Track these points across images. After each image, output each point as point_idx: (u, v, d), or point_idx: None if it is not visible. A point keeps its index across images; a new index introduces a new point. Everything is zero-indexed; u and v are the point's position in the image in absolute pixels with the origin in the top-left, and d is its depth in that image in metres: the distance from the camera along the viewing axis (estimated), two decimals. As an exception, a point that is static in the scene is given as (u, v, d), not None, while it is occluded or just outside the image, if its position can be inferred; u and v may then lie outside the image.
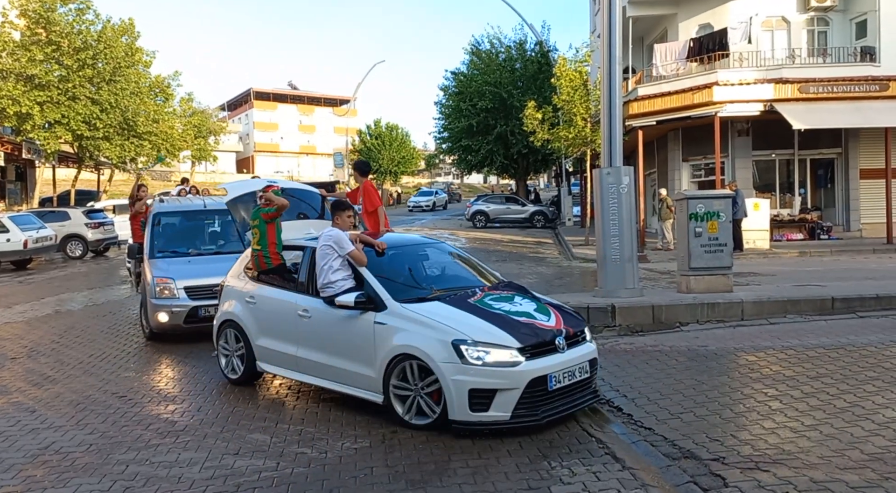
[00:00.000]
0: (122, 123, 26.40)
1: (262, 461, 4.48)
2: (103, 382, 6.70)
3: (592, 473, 4.05)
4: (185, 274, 8.18)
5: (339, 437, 4.89)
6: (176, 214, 9.55)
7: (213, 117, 55.42)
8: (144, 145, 27.67)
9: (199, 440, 4.91)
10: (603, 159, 9.27)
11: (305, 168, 73.41)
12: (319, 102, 80.00)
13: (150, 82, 28.68)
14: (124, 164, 28.88)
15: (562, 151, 23.20)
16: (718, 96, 18.22)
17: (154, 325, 8.11)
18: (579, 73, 20.28)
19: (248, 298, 6.22)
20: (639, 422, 4.88)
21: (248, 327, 6.14)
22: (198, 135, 40.91)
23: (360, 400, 5.44)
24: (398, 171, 59.19)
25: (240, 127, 77.19)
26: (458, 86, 35.79)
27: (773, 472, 3.86)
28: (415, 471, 4.22)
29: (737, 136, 20.23)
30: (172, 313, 7.99)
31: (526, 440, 4.63)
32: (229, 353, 6.40)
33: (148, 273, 8.33)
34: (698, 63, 20.19)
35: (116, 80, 26.02)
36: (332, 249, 5.47)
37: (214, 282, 7.40)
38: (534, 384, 4.63)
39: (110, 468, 4.45)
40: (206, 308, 7.92)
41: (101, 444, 4.91)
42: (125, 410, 5.72)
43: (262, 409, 5.63)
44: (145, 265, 8.61)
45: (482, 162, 36.34)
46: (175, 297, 8.02)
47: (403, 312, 5.02)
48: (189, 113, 38.97)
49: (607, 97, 9.13)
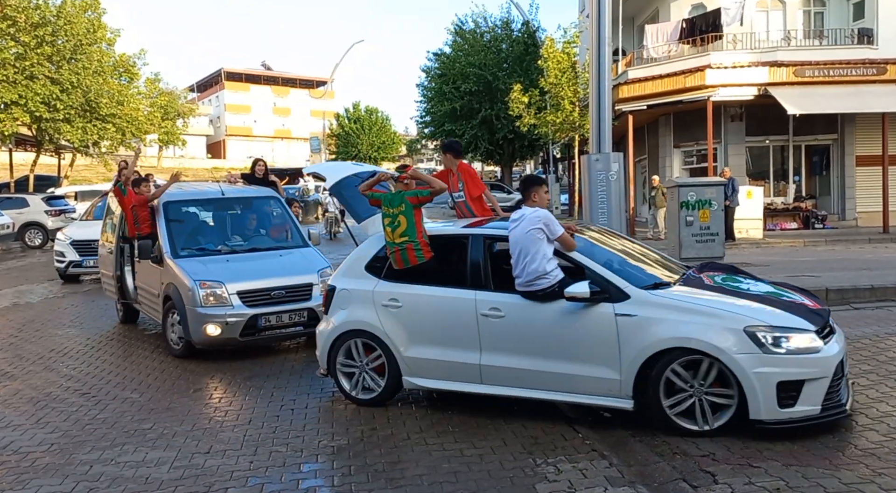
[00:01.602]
0: (84, 104, 25.92)
1: (235, 461, 4.46)
2: (65, 378, 6.62)
3: (579, 470, 4.08)
4: (234, 276, 7.05)
5: (316, 434, 4.88)
6: (191, 203, 8.30)
7: (182, 99, 54.76)
8: (108, 128, 27.21)
9: (168, 439, 4.88)
10: (591, 145, 9.29)
11: (280, 153, 72.76)
12: (295, 84, 79.23)
13: (113, 61, 28.15)
14: (87, 148, 28.39)
15: (549, 137, 23.26)
16: (711, 80, 18.31)
17: (199, 340, 6.88)
18: (567, 55, 20.30)
19: (389, 301, 5.31)
20: (626, 418, 4.91)
21: (390, 337, 5.26)
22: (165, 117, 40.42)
23: (333, 398, 5.44)
24: (378, 156, 58.89)
25: (210, 109, 76.23)
26: (440, 67, 35.63)
27: (763, 468, 3.92)
28: (394, 470, 4.22)
29: (730, 121, 20.37)
30: (227, 325, 6.80)
31: (509, 437, 4.66)
32: (357, 369, 5.46)
33: (180, 276, 7.06)
34: (691, 45, 20.27)
35: (78, 59, 25.51)
36: (542, 232, 4.73)
37: (274, 285, 6.91)
38: (837, 372, 4.32)
39: (73, 469, 4.40)
40: (266, 317, 6.95)
41: (64, 443, 4.86)
42: (89, 407, 5.66)
43: (234, 406, 5.60)
44: (170, 266, 7.27)
45: (466, 147, 36.18)
46: (227, 304, 6.86)
47: (655, 300, 4.50)
48: (156, 94, 38.37)
49: (596, 80, 9.14)
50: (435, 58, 36.55)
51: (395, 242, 5.32)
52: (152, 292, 7.73)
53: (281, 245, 8.05)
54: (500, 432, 4.76)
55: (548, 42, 21.35)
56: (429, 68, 36.92)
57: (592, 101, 9.22)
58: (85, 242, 12.39)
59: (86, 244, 12.29)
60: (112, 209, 9.26)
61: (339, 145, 56.98)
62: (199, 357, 7.21)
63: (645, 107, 19.51)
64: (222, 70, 76.17)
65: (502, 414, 5.10)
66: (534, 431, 4.75)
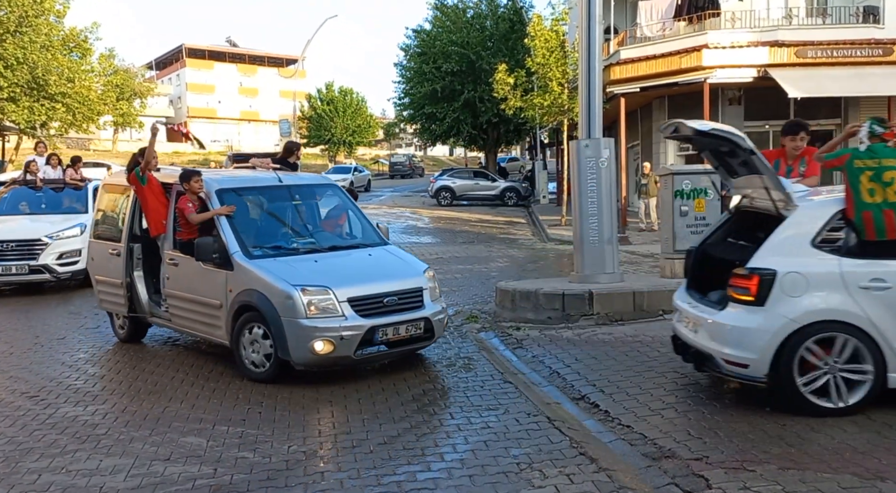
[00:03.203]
0: (31, 81, 25.53)
1: (198, 468, 4.44)
2: (11, 380, 6.53)
3: (565, 475, 4.13)
4: (339, 280, 6.21)
5: (286, 439, 4.88)
6: (249, 191, 7.29)
7: (139, 77, 54.12)
8: (57, 108, 26.82)
9: (125, 445, 4.84)
10: (581, 130, 9.33)
11: (247, 137, 72.13)
12: (263, 62, 78.45)
13: (63, 35, 27.72)
14: (34, 129, 27.94)
15: (536, 121, 23.29)
16: (708, 61, 18.43)
17: (303, 359, 5.95)
18: (556, 34, 20.31)
19: (869, 282, 4.70)
20: (616, 419, 4.99)
21: (878, 326, 4.65)
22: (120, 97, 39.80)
23: (308, 399, 5.43)
24: (353, 141, 58.68)
25: (170, 89, 75.27)
26: (420, 46, 35.52)
27: (759, 471, 4.00)
28: (370, 476, 4.24)
29: (728, 104, 20.54)
30: (341, 340, 5.87)
31: (492, 440, 4.69)
32: (825, 371, 4.71)
33: (269, 281, 6.08)
34: (687, 23, 20.39)
35: (23, 32, 25.09)
36: None
37: (385, 290, 6.20)
38: None
39: (20, 478, 4.36)
40: (382, 330, 6.06)
41: (9, 451, 4.80)
42: (37, 412, 5.60)
43: (196, 409, 5.57)
44: (246, 270, 6.27)
45: (447, 132, 36.25)
46: (337, 314, 5.94)
47: None
48: (110, 72, 37.81)
49: (586, 60, 9.17)
50: (414, 35, 36.44)
51: (877, 202, 4.71)
52: (207, 303, 6.58)
53: (360, 242, 7.26)
54: (481, 434, 4.80)
55: (535, 19, 21.34)
56: (408, 47, 36.79)
57: (582, 82, 9.25)
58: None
59: None
60: (113, 202, 8.12)
61: (311, 129, 56.63)
62: (163, 357, 7.15)
63: (638, 89, 19.59)
64: (183, 46, 75.18)
65: (481, 416, 5.14)
66: (518, 434, 4.79)
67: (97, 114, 31.13)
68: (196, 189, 6.80)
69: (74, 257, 10.94)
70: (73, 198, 12.18)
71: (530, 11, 31.65)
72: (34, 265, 10.68)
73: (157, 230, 7.18)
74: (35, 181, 12.10)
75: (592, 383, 5.82)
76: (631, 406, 5.21)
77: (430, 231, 19.66)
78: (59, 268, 10.85)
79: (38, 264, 10.67)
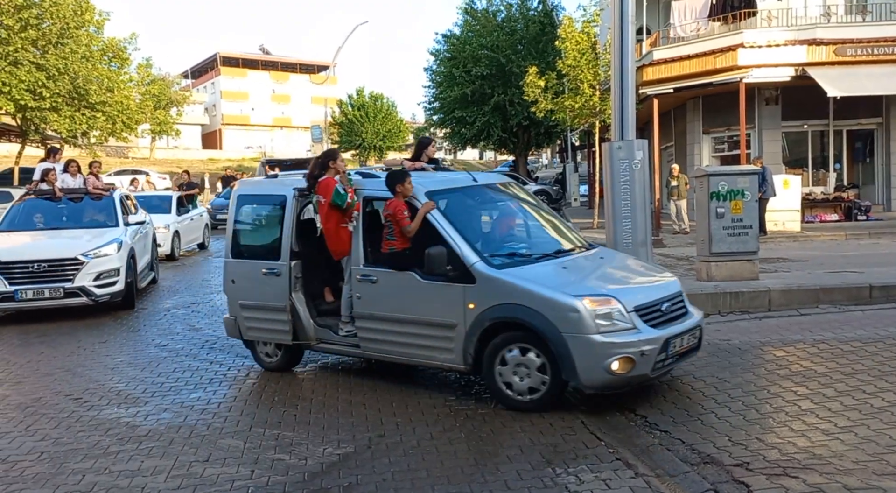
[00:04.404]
0: (72, 91, 26.12)
1: (235, 469, 4.51)
2: (55, 382, 6.69)
3: (602, 480, 4.09)
4: (616, 286, 5.65)
5: (321, 442, 4.92)
6: (453, 192, 6.44)
7: (175, 86, 55.13)
8: (98, 117, 27.42)
9: (165, 446, 4.93)
10: (613, 132, 9.24)
11: (279, 143, 73.03)
12: (295, 69, 79.40)
13: (102, 46, 28.37)
14: (75, 138, 28.64)
15: (567, 123, 23.15)
16: (744, 60, 18.17)
17: (597, 381, 5.16)
18: (587, 35, 20.18)
19: None
20: (654, 424, 4.93)
21: None
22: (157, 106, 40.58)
23: (342, 402, 5.46)
24: (383, 145, 58.99)
25: (205, 97, 76.58)
26: (450, 50, 35.59)
27: (802, 478, 3.91)
28: (404, 479, 4.25)
29: (764, 104, 20.22)
30: (642, 356, 5.10)
31: (527, 444, 4.67)
32: None
33: (538, 292, 5.29)
34: (721, 23, 20.10)
35: (64, 43, 25.71)
36: None
37: (659, 296, 5.57)
38: None
39: (65, 479, 4.46)
40: (674, 341, 5.36)
41: (54, 452, 4.92)
42: (81, 413, 5.73)
43: (234, 411, 5.65)
44: (498, 281, 5.44)
45: (477, 135, 36.27)
46: (629, 326, 5.19)
47: None
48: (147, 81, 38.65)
49: (618, 62, 9.09)
50: (444, 40, 36.52)
51: None
52: (430, 322, 5.69)
53: (577, 244, 6.48)
54: (516, 438, 4.78)
55: (566, 21, 21.24)
56: (437, 51, 36.90)
57: (614, 84, 9.17)
58: (20, 264, 9.31)
59: (22, 267, 9.30)
60: (260, 214, 7.17)
61: (342, 134, 57.08)
62: (201, 360, 7.27)
63: (671, 90, 19.39)
64: (218, 55, 76.48)
65: (518, 420, 5.11)
66: (553, 438, 4.76)
67: (135, 122, 31.75)
68: (408, 192, 5.88)
69: (113, 277, 9.65)
70: (97, 209, 10.89)
71: (561, 13, 31.54)
72: (70, 288, 9.30)
73: (343, 251, 6.21)
74: (53, 191, 10.79)
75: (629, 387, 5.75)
76: (669, 411, 5.15)
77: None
78: (96, 290, 9.48)
79: (74, 286, 9.31)
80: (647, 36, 22.14)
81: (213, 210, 21.20)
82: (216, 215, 20.50)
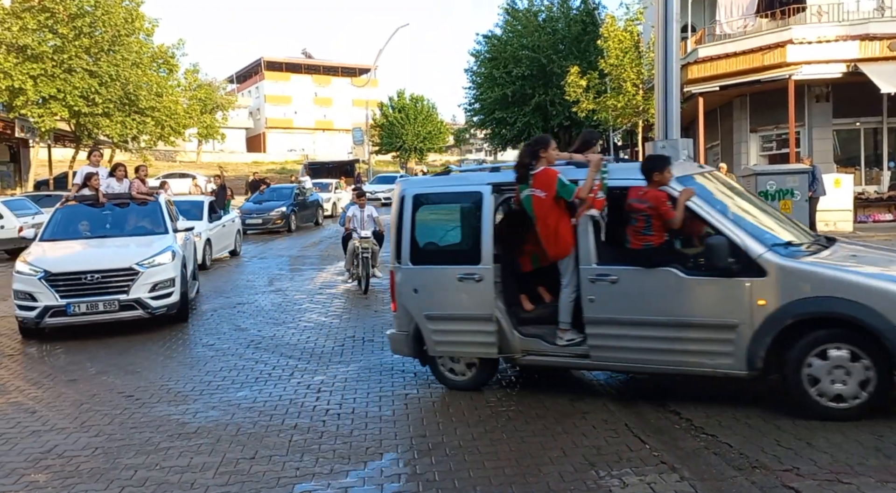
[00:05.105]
0: (123, 97, 26.91)
1: (281, 467, 4.59)
2: (108, 379, 6.89)
3: (647, 484, 4.05)
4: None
5: (363, 441, 4.98)
6: (688, 179, 5.69)
7: (221, 91, 56.31)
8: (147, 122, 28.19)
9: (213, 444, 5.05)
10: (657, 131, 9.13)
11: (321, 145, 73.93)
12: (337, 72, 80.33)
13: (152, 52, 29.18)
14: (125, 143, 29.49)
15: (609, 123, 22.96)
16: (793, 57, 17.77)
17: None
18: (630, 34, 20.02)
19: None
20: (699, 428, 4.85)
21: None
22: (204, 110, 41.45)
23: (385, 398, 5.51)
24: (424, 147, 59.26)
25: (250, 101, 78.01)
26: (491, 51, 35.63)
27: (855, 485, 3.81)
28: (446, 480, 4.27)
29: (814, 102, 19.73)
30: None
31: (569, 446, 4.64)
32: None
33: (864, 283, 4.77)
34: (769, 19, 19.68)
35: (116, 50, 26.51)
36: None
37: None
38: None
39: (118, 473, 4.60)
40: None
41: (108, 447, 5.08)
42: (133, 410, 5.90)
43: (279, 410, 5.75)
44: (797, 271, 4.90)
45: (518, 136, 36.21)
46: None
47: None
48: (194, 86, 39.52)
49: (662, 60, 8.98)
50: (485, 41, 36.57)
51: None
52: (701, 324, 5.09)
53: (813, 237, 6.16)
54: (558, 440, 4.76)
55: (609, 20, 21.08)
56: (478, 52, 36.98)
57: (658, 82, 9.06)
58: (71, 275, 8.57)
59: (74, 278, 8.55)
60: (448, 214, 6.52)
61: (383, 136, 57.54)
62: (247, 359, 7.42)
63: (717, 88, 19.06)
64: (262, 59, 77.83)
65: (560, 422, 5.09)
66: (596, 440, 4.73)
67: (183, 127, 32.60)
68: (667, 180, 5.28)
69: (168, 288, 8.96)
70: (142, 215, 10.21)
71: (603, 12, 31.26)
72: (125, 300, 8.61)
73: (565, 251, 5.53)
74: (96, 197, 10.03)
75: (673, 390, 5.68)
76: (714, 414, 5.06)
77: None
78: (152, 302, 8.78)
79: (129, 298, 8.63)
80: (692, 33, 21.82)
81: (242, 214, 20.02)
82: (245, 220, 19.89)
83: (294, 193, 23.05)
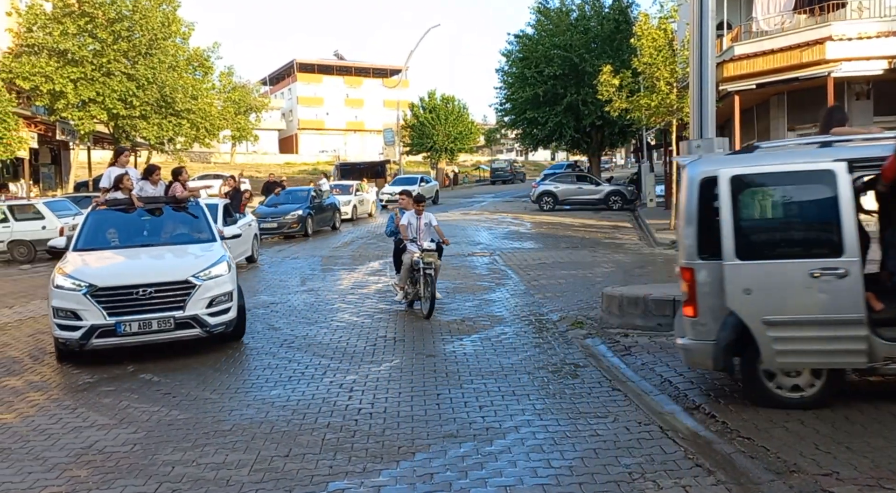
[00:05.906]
0: (160, 99, 27.45)
1: (314, 465, 4.64)
2: (146, 375, 7.03)
3: (681, 487, 4.01)
4: None
5: (395, 439, 5.01)
6: None
7: (255, 93, 57.08)
8: (183, 124, 28.70)
9: (248, 441, 5.13)
10: (692, 130, 9.02)
11: (353, 146, 74.47)
12: (368, 73, 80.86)
13: (188, 55, 29.69)
14: (162, 144, 30.07)
15: (642, 122, 22.69)
16: (832, 54, 17.39)
17: None
18: (664, 32, 19.74)
19: None
20: (735, 430, 4.79)
21: None
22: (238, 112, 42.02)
23: (417, 398, 5.53)
24: (455, 148, 59.27)
25: (282, 103, 78.91)
26: (522, 50, 35.47)
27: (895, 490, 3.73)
28: (476, 478, 4.28)
29: (855, 99, 19.29)
30: None
31: (601, 448, 4.62)
32: None
33: None
34: (808, 15, 19.29)
35: (153, 54, 27.06)
36: None
37: None
38: None
39: (156, 469, 4.70)
40: None
41: (146, 443, 5.19)
42: (170, 407, 6.01)
43: (312, 408, 5.81)
44: None
45: (549, 136, 35.98)
46: None
47: None
48: (229, 88, 40.10)
49: (697, 58, 8.87)
50: (516, 40, 36.44)
51: None
52: None
53: None
54: (590, 442, 4.73)
55: (642, 18, 20.84)
56: (509, 52, 36.85)
57: (693, 80, 8.96)
58: (121, 290, 7.45)
59: (124, 293, 7.44)
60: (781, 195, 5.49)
61: (414, 137, 57.75)
62: (272, 356, 7.51)
63: (754, 86, 18.73)
64: (294, 61, 78.69)
65: (594, 424, 5.06)
66: (628, 442, 4.69)
67: (218, 129, 33.12)
68: None
69: (226, 304, 7.83)
70: (183, 221, 9.11)
71: (636, 10, 30.94)
72: (181, 317, 7.48)
73: None
74: (130, 200, 8.95)
75: (707, 392, 5.62)
76: (751, 417, 4.99)
77: (533, 236, 19.54)
78: (209, 319, 7.64)
79: (185, 315, 7.50)
80: (727, 31, 21.49)
81: (257, 217, 18.85)
82: (260, 224, 18.39)
83: (310, 196, 22.17)
